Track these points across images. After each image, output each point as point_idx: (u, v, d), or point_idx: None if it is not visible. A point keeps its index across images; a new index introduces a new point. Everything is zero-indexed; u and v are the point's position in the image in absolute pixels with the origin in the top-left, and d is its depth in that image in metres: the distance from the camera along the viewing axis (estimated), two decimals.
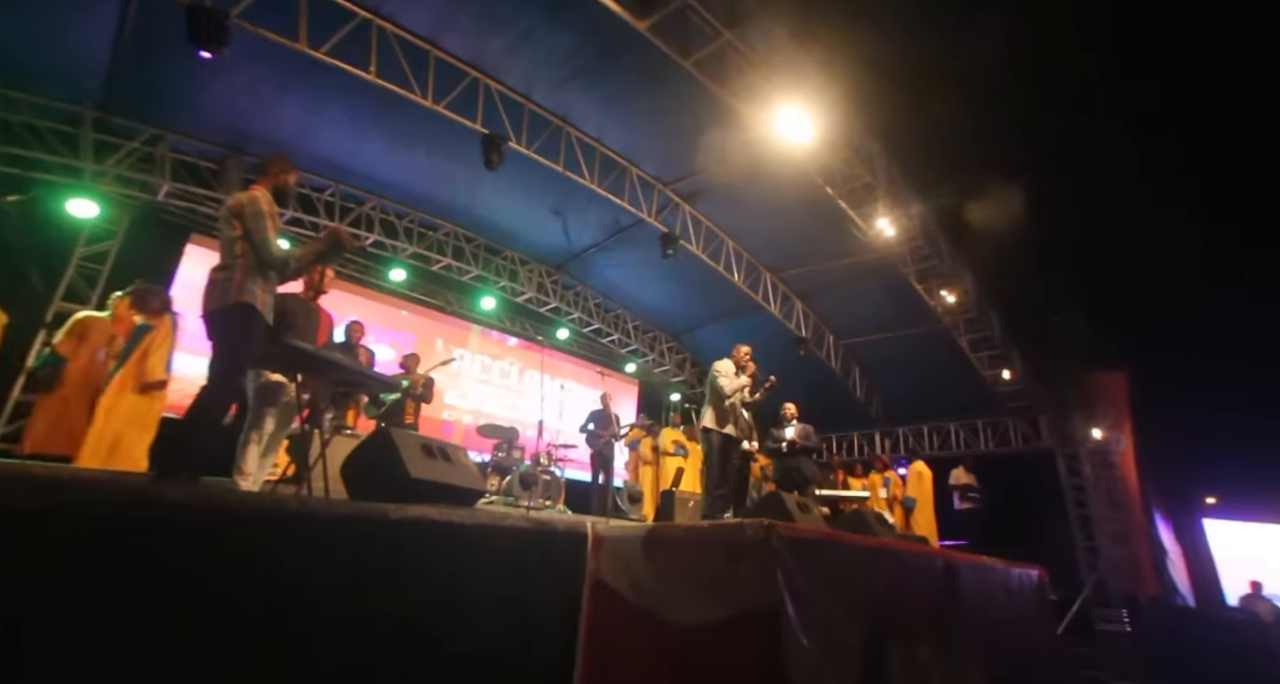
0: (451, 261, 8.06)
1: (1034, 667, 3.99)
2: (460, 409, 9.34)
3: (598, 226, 7.80)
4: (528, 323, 10.74)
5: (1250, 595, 9.96)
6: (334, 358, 2.52)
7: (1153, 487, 11.06)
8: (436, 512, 2.20)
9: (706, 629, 2.09)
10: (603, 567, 2.58)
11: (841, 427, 11.67)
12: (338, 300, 7.98)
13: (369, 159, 6.54)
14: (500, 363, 10.10)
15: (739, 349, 4.74)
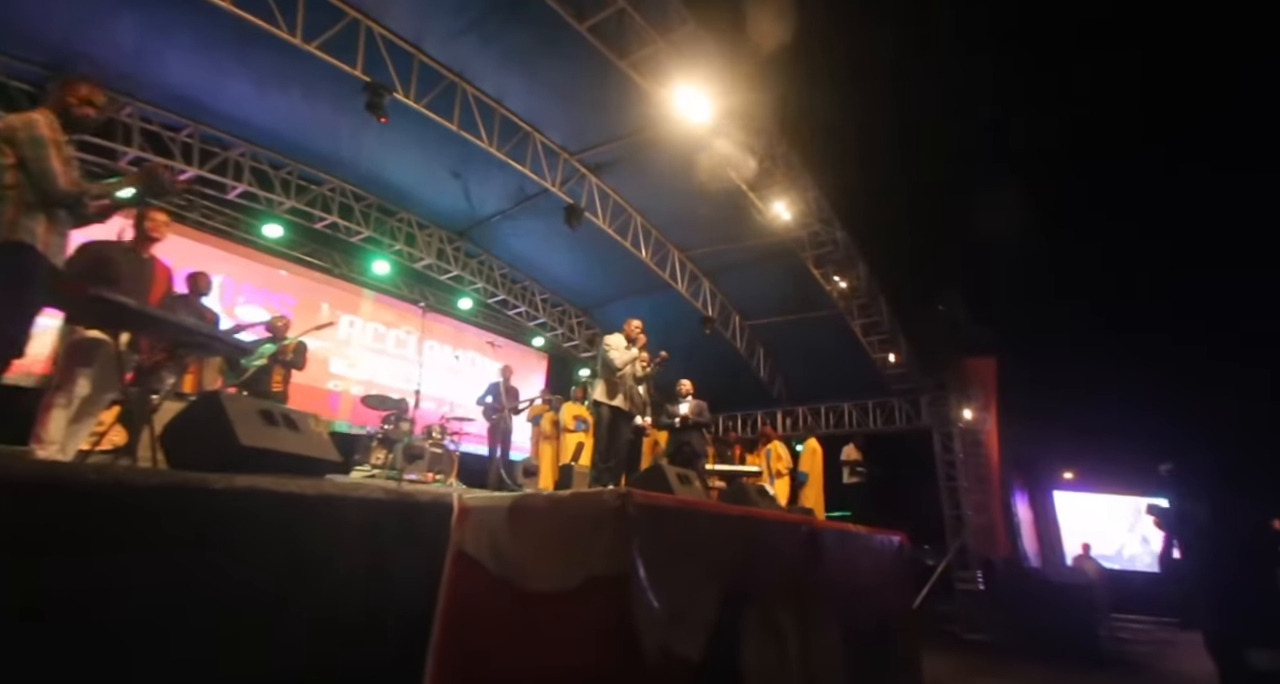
0: (338, 220, 7.51)
1: (890, 625, 4.45)
2: (349, 379, 8.85)
3: (502, 194, 7.56)
4: (427, 290, 10.29)
5: (1081, 556, 11.67)
6: (156, 313, 2.28)
7: (1011, 462, 12.58)
8: (271, 481, 2.09)
9: (561, 595, 2.15)
10: (466, 537, 2.57)
11: (745, 405, 12.23)
12: (200, 254, 7.25)
13: (234, 98, 5.90)
14: (396, 331, 9.63)
15: (630, 323, 4.82)
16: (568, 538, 2.24)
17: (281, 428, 2.30)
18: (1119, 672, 6.71)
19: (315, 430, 2.48)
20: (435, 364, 9.92)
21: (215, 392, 2.19)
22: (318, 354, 8.26)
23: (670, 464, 5.61)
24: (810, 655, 3.13)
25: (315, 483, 2.22)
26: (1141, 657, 7.91)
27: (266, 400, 4.82)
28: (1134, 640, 9.51)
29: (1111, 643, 8.75)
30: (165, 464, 2.07)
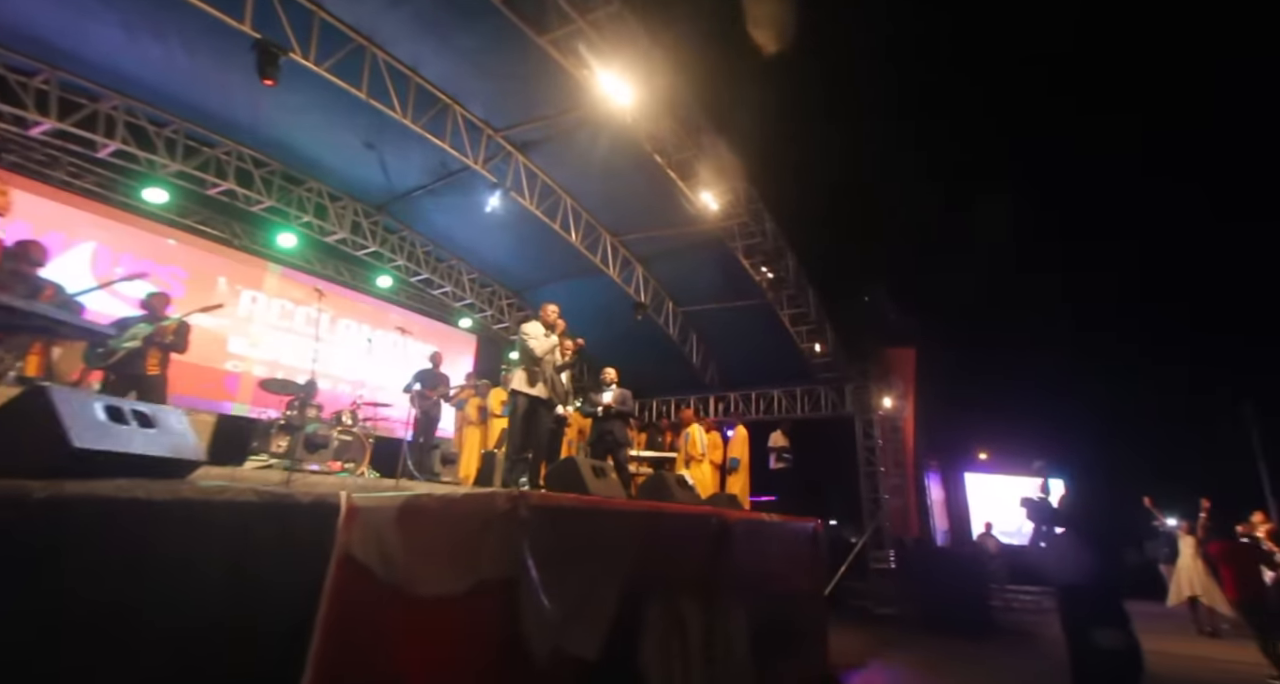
0: (235, 188, 6.92)
1: (799, 607, 4.67)
2: (250, 359, 8.28)
3: (422, 168, 7.20)
4: (341, 266, 9.75)
5: (984, 534, 12.69)
6: None
7: (926, 446, 13.46)
8: (112, 488, 1.90)
9: (449, 600, 2.10)
10: (354, 540, 2.46)
11: (679, 390, 12.42)
12: (67, 218, 6.53)
13: (102, 45, 5.26)
14: (306, 309, 9.06)
15: (546, 308, 4.74)
16: (458, 541, 2.18)
17: (132, 426, 2.10)
18: (1005, 640, 7.39)
19: (178, 427, 2.29)
20: (349, 345, 9.45)
21: (43, 385, 1.96)
22: (214, 332, 7.67)
23: (592, 453, 5.62)
24: (714, 644, 3.23)
25: (169, 486, 2.05)
26: (1028, 625, 8.72)
27: (141, 384, 4.47)
28: (1023, 610, 10.49)
29: (1004, 613, 9.63)
30: None
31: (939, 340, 14.44)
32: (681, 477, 4.75)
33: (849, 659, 5.53)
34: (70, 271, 6.30)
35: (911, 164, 13.21)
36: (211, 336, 7.64)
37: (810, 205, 7.41)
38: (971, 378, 16.98)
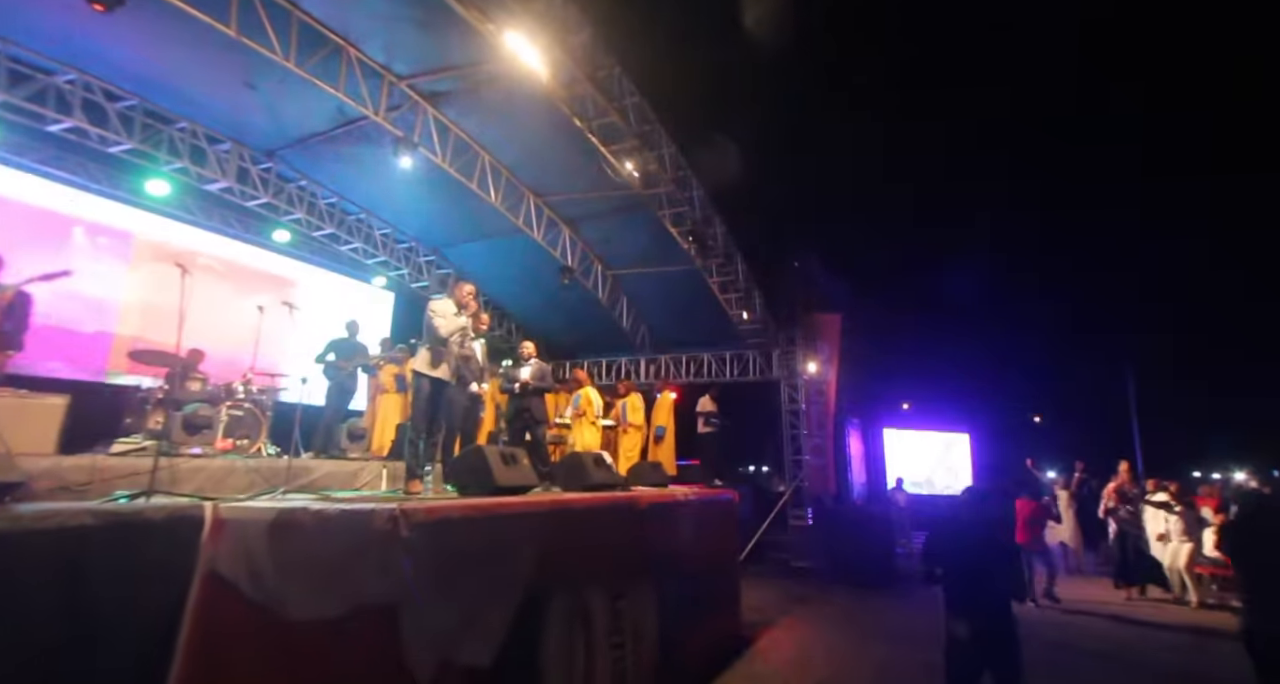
0: (85, 125, 6.04)
1: (715, 574, 4.90)
2: (125, 321, 7.50)
3: (318, 114, 6.55)
4: (230, 217, 8.89)
5: (894, 489, 13.73)
6: None
7: (848, 404, 14.23)
8: None
9: (324, 623, 2.01)
10: (220, 555, 2.31)
11: (609, 352, 12.44)
12: None
13: None
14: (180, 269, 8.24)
15: (461, 287, 4.51)
16: (333, 562, 2.08)
17: None
18: (902, 589, 8.15)
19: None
20: (240, 308, 8.75)
21: None
22: (75, 291, 6.86)
23: (509, 430, 5.55)
24: (622, 630, 3.33)
25: None
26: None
27: None
28: None
29: (906, 561, 10.58)
30: None
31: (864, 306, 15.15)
32: (599, 455, 4.76)
33: (762, 616, 5.93)
34: None
35: (847, 135, 13.52)
36: (73, 295, 6.85)
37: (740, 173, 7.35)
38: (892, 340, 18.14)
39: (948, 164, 17.86)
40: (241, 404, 5.62)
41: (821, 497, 11.04)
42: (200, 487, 4.22)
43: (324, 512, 2.17)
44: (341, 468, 5.53)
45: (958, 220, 19.98)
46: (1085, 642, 5.36)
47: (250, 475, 4.65)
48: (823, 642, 5.17)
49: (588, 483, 4.45)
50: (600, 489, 4.50)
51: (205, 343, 6.25)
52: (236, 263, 8.90)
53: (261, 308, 5.56)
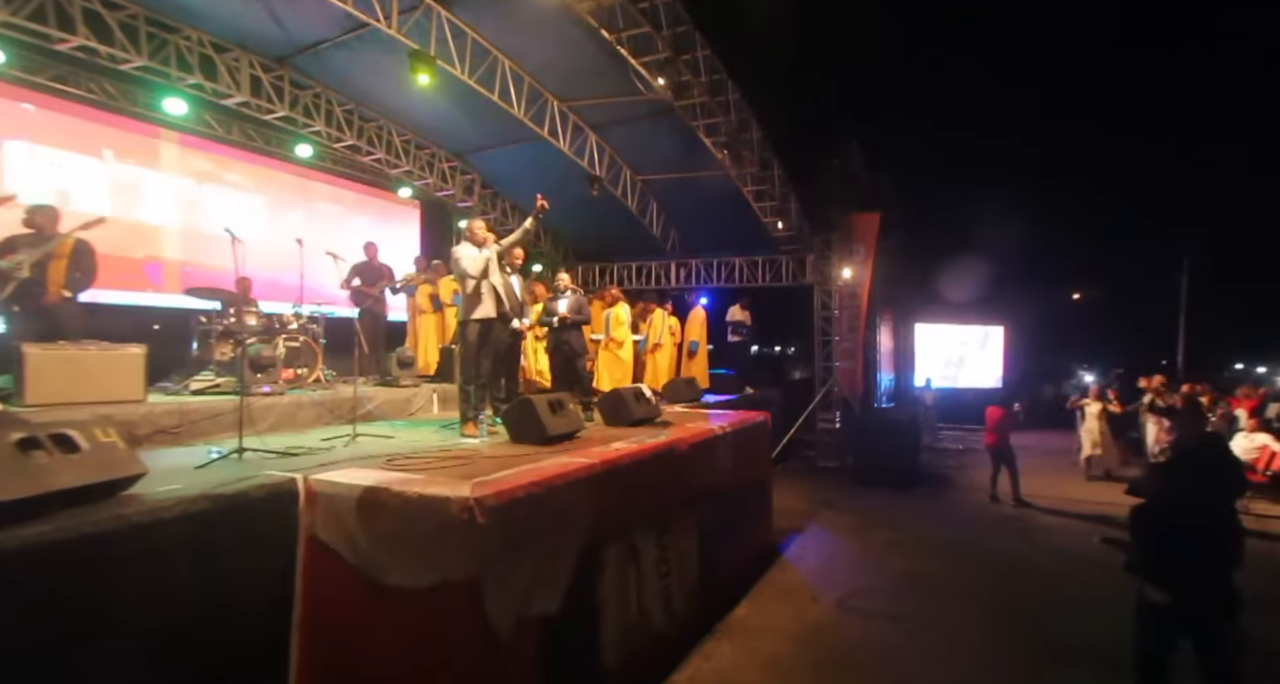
0: (93, 43, 5.76)
1: (747, 498, 5.27)
2: (166, 243, 7.67)
3: (325, 18, 6.08)
4: (251, 130, 8.68)
5: (923, 388, 13.98)
6: None
7: (880, 301, 14.08)
8: (55, 529, 1.93)
9: (416, 593, 2.32)
10: (318, 522, 2.61)
11: (638, 255, 12.34)
12: None
13: None
14: (215, 188, 8.25)
15: (473, 225, 4.50)
16: (418, 541, 2.35)
17: (52, 455, 2.04)
18: (926, 490, 8.62)
19: (104, 440, 2.24)
20: (277, 229, 8.84)
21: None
22: (119, 220, 6.98)
23: (551, 362, 5.75)
24: (667, 560, 3.70)
25: (112, 515, 2.07)
26: (948, 471, 10.11)
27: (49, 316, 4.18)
28: (949, 450, 12.07)
29: (930, 456, 11.07)
30: None
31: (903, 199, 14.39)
32: (639, 389, 4.96)
33: (791, 521, 6.44)
34: None
35: (897, 31, 12.07)
36: (115, 223, 6.98)
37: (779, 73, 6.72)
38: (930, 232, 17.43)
39: (998, 54, 15.94)
40: (296, 336, 5.89)
41: (849, 400, 11.34)
42: (274, 424, 4.60)
43: (405, 494, 2.39)
44: (396, 395, 5.90)
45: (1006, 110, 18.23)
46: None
47: (317, 409, 5.03)
48: (849, 550, 5.64)
49: (630, 419, 4.70)
50: (641, 423, 4.77)
51: (248, 264, 6.38)
52: (264, 178, 8.82)
53: (300, 241, 5.63)
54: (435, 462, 3.09)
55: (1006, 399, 8.77)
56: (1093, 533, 6.08)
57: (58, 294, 4.18)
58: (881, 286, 13.54)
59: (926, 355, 17.05)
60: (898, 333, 17.26)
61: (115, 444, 2.26)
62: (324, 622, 2.47)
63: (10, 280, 3.93)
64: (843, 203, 10.85)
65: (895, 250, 14.41)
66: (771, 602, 4.31)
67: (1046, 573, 5.04)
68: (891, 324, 16.78)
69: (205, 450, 3.51)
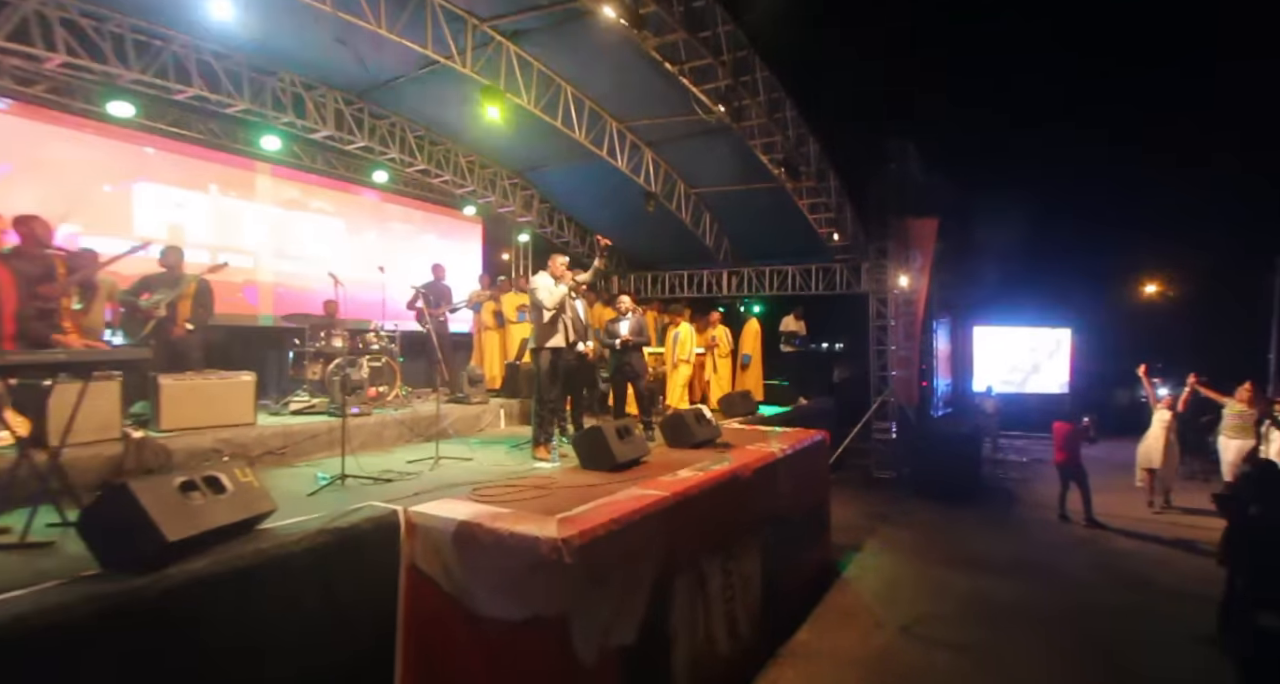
0: (205, 93, 6.29)
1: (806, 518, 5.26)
2: (260, 269, 8.27)
3: (402, 57, 6.42)
4: (334, 159, 9.22)
5: (984, 394, 13.41)
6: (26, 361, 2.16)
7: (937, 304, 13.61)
8: (211, 562, 2.18)
9: (508, 624, 2.49)
10: (418, 552, 2.82)
11: (691, 264, 12.39)
12: (28, 135, 6.09)
13: None
14: (301, 214, 8.80)
15: (555, 260, 4.68)
16: (509, 576, 2.51)
17: (205, 495, 2.31)
18: (989, 505, 8.32)
19: (243, 480, 2.50)
20: (357, 247, 9.37)
21: (124, 483, 2.13)
22: (222, 249, 7.58)
23: (612, 383, 5.89)
24: (731, 585, 3.78)
25: (252, 550, 2.32)
26: (1012, 484, 9.72)
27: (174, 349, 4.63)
28: (1012, 462, 11.57)
29: (991, 468, 10.65)
30: (94, 560, 2.10)
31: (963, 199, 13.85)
32: (699, 411, 5.04)
33: (848, 537, 6.37)
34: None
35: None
36: (222, 252, 7.58)
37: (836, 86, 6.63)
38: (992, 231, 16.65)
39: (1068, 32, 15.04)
40: (379, 356, 6.26)
41: (905, 409, 11.05)
42: (363, 443, 4.92)
43: (497, 531, 2.56)
44: (467, 412, 6.19)
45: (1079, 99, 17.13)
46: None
47: (399, 427, 5.34)
48: (909, 570, 5.54)
49: (692, 441, 4.79)
50: (703, 445, 4.85)
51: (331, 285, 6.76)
52: (344, 202, 9.36)
53: (382, 268, 6.00)
54: (518, 492, 3.27)
55: (1075, 412, 8.33)
56: (1173, 561, 5.78)
57: (183, 328, 4.63)
58: (939, 290, 13.13)
59: (986, 360, 16.35)
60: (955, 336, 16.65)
61: (252, 484, 2.52)
62: (424, 646, 2.67)
63: (150, 318, 4.39)
64: (899, 208, 10.58)
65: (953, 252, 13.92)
66: (834, 626, 4.31)
67: (1124, 603, 4.82)
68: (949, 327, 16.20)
69: (309, 472, 3.82)
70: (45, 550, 2.34)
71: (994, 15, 13.22)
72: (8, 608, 1.78)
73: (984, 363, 16.46)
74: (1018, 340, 16.63)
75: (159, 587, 2.02)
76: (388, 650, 2.67)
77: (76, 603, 1.86)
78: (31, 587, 1.94)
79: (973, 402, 14.60)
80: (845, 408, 11.09)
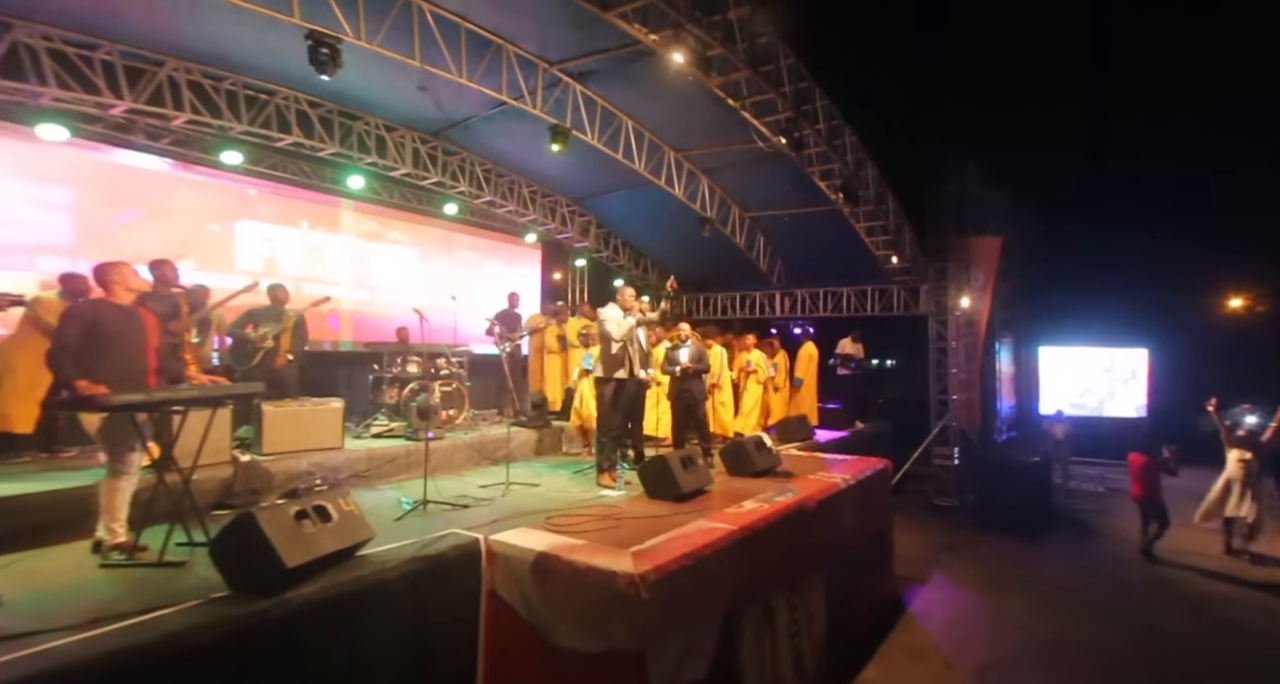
0: (302, 139, 6.84)
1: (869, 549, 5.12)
2: (341, 298, 8.79)
3: (476, 100, 6.79)
4: (409, 193, 9.75)
5: (1053, 418, 12.61)
6: (165, 398, 2.42)
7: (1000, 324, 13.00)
8: (322, 588, 2.35)
9: (585, 657, 2.55)
10: (498, 579, 2.94)
11: (743, 286, 12.35)
12: (155, 182, 6.76)
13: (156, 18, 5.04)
14: (380, 245, 9.33)
15: (624, 292, 4.78)
16: (585, 607, 2.58)
17: (316, 524, 2.49)
18: (1062, 538, 7.82)
19: (346, 509, 2.68)
20: (430, 275, 9.83)
21: (250, 512, 2.33)
22: (308, 278, 8.13)
23: (673, 409, 5.94)
24: (797, 621, 3.73)
25: (354, 576, 2.49)
26: (1087, 516, 9.12)
27: (273, 376, 5.00)
28: (1087, 492, 10.85)
29: (1064, 498, 10.01)
30: (224, 583, 2.31)
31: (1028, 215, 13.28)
32: (759, 438, 5.02)
33: (912, 570, 6.13)
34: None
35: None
36: (308, 282, 8.13)
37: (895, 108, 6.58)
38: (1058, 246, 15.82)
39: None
40: (449, 381, 6.54)
41: (968, 433, 10.60)
42: (436, 466, 5.10)
43: (574, 563, 2.64)
44: (530, 436, 6.37)
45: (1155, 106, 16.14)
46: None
47: (469, 451, 5.55)
48: (981, 607, 5.29)
49: (753, 469, 4.77)
50: (764, 474, 4.82)
51: (405, 308, 7.07)
52: (417, 233, 9.86)
53: (454, 297, 6.29)
54: (589, 522, 3.35)
55: (1153, 440, 7.74)
56: (1274, 609, 5.29)
57: (284, 358, 5.00)
58: (1000, 309, 12.58)
59: (1054, 381, 15.45)
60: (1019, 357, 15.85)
61: (353, 512, 2.70)
62: (503, 672, 2.76)
63: (260, 350, 4.78)
64: (959, 228, 10.27)
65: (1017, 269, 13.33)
66: (902, 665, 4.16)
67: (1221, 655, 4.44)
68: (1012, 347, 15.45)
69: (391, 495, 4.04)
70: (180, 569, 2.57)
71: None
72: (160, 625, 1.98)
73: (1051, 385, 15.56)
74: (1089, 361, 15.65)
75: (280, 610, 2.19)
76: (470, 673, 2.78)
77: (213, 623, 2.05)
78: (175, 606, 2.14)
79: (1039, 425, 13.80)
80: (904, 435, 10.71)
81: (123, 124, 6.50)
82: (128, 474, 2.84)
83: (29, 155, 5.86)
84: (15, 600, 2.24)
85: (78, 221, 6.20)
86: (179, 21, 5.17)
